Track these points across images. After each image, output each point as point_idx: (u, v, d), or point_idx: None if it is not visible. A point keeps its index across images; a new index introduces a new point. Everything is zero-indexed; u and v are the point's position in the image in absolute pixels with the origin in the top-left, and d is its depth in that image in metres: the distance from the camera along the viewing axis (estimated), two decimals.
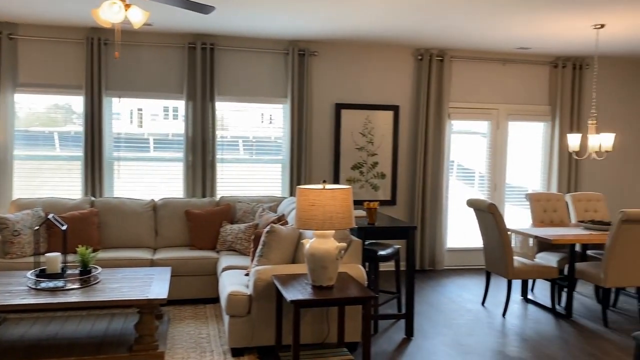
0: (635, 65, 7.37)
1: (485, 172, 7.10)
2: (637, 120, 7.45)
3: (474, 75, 6.93)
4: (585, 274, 4.95)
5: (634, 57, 7.02)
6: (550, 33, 5.67)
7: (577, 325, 4.82)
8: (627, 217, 4.54)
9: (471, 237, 6.99)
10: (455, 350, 4.18)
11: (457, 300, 5.56)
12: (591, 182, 7.32)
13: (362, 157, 6.66)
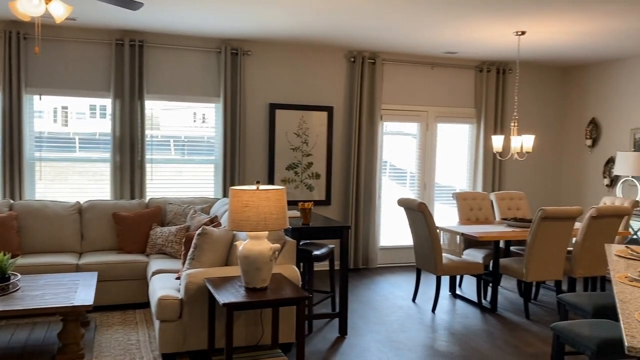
0: (554, 70, 7.83)
1: (415, 172, 7.31)
2: (555, 122, 7.91)
3: (404, 78, 7.11)
4: (509, 269, 5.20)
5: (552, 62, 7.45)
6: (475, 39, 5.91)
7: (502, 319, 5.06)
8: (545, 215, 4.81)
9: (403, 235, 7.17)
10: (387, 346, 4.28)
11: (389, 297, 5.68)
12: (513, 181, 7.71)
13: (297, 158, 6.68)
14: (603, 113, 7.26)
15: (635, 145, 6.75)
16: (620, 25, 5.09)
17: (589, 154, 7.48)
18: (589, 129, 7.41)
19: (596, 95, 7.36)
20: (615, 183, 7.04)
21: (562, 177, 7.92)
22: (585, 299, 3.40)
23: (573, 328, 2.85)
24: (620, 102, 7.00)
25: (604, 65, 7.23)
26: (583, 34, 5.53)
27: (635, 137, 6.76)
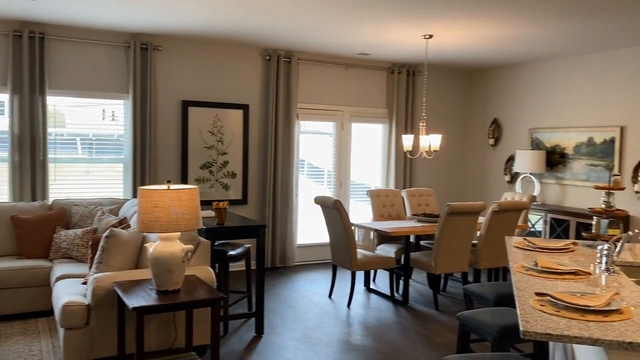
0: (460, 72, 8.24)
1: (332, 170, 7.42)
2: (461, 123, 8.34)
3: (320, 77, 7.20)
4: (419, 263, 5.42)
5: (458, 65, 7.84)
6: (386, 41, 6.10)
7: (413, 310, 5.26)
8: (452, 210, 5.06)
9: (320, 233, 7.27)
10: (303, 343, 4.31)
11: (306, 294, 5.74)
12: (423, 178, 8.04)
13: (211, 156, 6.56)
14: (504, 114, 7.75)
15: (533, 144, 7.26)
16: (517, 31, 5.46)
17: (492, 152, 7.95)
18: (492, 129, 7.87)
19: (498, 97, 7.84)
20: (515, 179, 7.54)
21: (468, 174, 8.36)
22: (488, 288, 3.61)
23: (476, 316, 3.02)
24: (519, 103, 7.50)
25: (505, 69, 7.71)
26: (485, 39, 5.87)
27: (533, 136, 7.27)
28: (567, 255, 3.22)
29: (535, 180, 7.06)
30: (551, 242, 3.53)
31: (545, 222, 6.59)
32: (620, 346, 1.78)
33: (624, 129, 6.14)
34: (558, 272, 2.73)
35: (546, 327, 1.91)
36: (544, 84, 7.12)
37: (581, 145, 6.61)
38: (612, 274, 2.75)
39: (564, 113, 6.85)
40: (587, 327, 1.91)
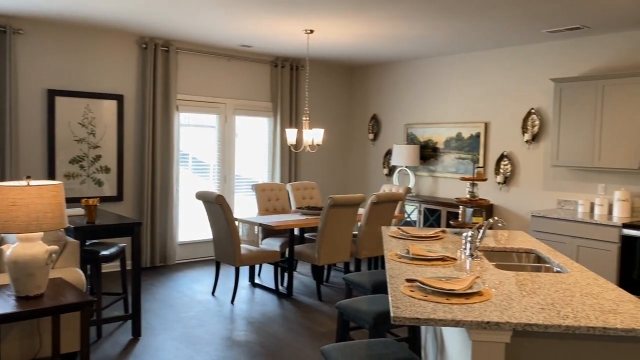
0: (341, 69, 8.45)
1: (216, 164, 7.26)
2: (343, 118, 8.56)
3: (201, 68, 6.99)
4: (303, 255, 5.48)
5: (340, 61, 8.03)
6: (269, 34, 6.07)
7: (297, 302, 5.31)
8: (334, 202, 5.17)
9: (204, 229, 7.08)
10: (184, 343, 4.17)
11: (188, 293, 5.56)
12: (308, 172, 8.15)
13: (82, 150, 6.11)
14: (382, 110, 8.07)
15: (408, 139, 7.65)
16: (393, 31, 5.70)
17: (372, 146, 8.26)
18: (371, 124, 8.18)
19: (377, 93, 8.15)
20: (392, 172, 7.90)
21: (350, 168, 8.62)
22: (366, 277, 3.74)
23: (354, 305, 3.11)
24: (396, 100, 7.86)
25: (384, 67, 8.04)
26: (364, 37, 6.06)
27: (408, 131, 7.65)
28: (438, 243, 3.42)
29: (411, 173, 7.44)
30: (423, 231, 3.73)
31: (419, 212, 6.98)
32: (479, 326, 1.91)
33: (488, 125, 6.67)
34: (427, 258, 2.88)
35: (414, 311, 2.00)
36: (418, 82, 7.52)
37: (451, 140, 7.08)
38: (476, 259, 2.96)
39: (436, 109, 7.29)
40: (451, 310, 2.03)
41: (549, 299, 2.20)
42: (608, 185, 5.56)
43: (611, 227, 4.93)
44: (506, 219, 6.47)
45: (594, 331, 1.88)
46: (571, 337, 1.95)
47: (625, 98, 5.09)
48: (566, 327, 1.89)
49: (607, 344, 1.94)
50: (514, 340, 1.96)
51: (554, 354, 1.96)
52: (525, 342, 1.97)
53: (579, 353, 1.95)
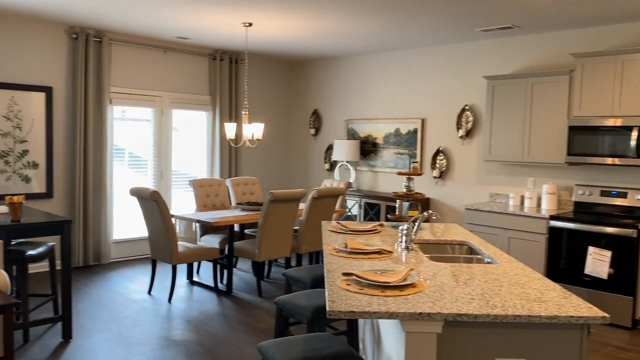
0: (281, 63, 8.40)
1: (152, 159, 7.05)
2: (284, 112, 8.53)
3: (136, 60, 6.76)
4: (243, 251, 5.42)
5: (280, 55, 7.98)
6: (206, 26, 5.94)
7: (237, 299, 5.25)
8: (274, 198, 5.14)
9: (140, 227, 6.87)
10: (118, 344, 4.03)
11: (123, 292, 5.38)
12: (249, 167, 8.06)
13: (7, 145, 5.78)
14: (323, 105, 8.10)
15: (349, 134, 7.71)
16: (331, 26, 5.71)
17: (313, 141, 8.27)
18: (312, 119, 8.19)
19: (318, 89, 8.16)
20: (334, 167, 7.94)
21: (292, 163, 8.60)
22: (305, 272, 3.73)
23: (292, 300, 3.10)
24: (337, 95, 7.90)
25: (324, 62, 8.05)
26: (303, 32, 6.04)
27: (349, 127, 7.71)
28: (376, 236, 3.46)
29: (352, 168, 7.51)
30: (362, 225, 3.77)
31: (360, 207, 7.06)
32: (412, 317, 1.95)
33: (425, 121, 6.83)
34: (365, 252, 2.91)
35: (350, 305, 2.01)
36: (358, 78, 7.59)
37: (390, 136, 7.20)
38: (411, 251, 3.02)
39: (376, 105, 7.39)
40: (386, 302, 2.05)
41: (479, 289, 2.27)
42: (537, 179, 5.82)
43: (539, 219, 5.17)
44: (442, 212, 6.65)
45: (520, 319, 1.96)
46: (499, 326, 2.02)
47: (552, 96, 5.34)
48: (494, 316, 1.96)
49: (532, 331, 2.02)
50: (446, 330, 2.01)
51: (483, 342, 2.02)
52: (456, 332, 2.02)
53: (507, 340, 2.02)
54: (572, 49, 5.52)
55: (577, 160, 5.11)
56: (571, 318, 1.96)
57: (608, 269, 4.69)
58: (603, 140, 4.92)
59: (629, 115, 4.81)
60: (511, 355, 2.02)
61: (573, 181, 5.54)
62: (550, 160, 5.37)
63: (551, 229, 5.07)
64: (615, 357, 4.00)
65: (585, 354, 2.03)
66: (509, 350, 2.02)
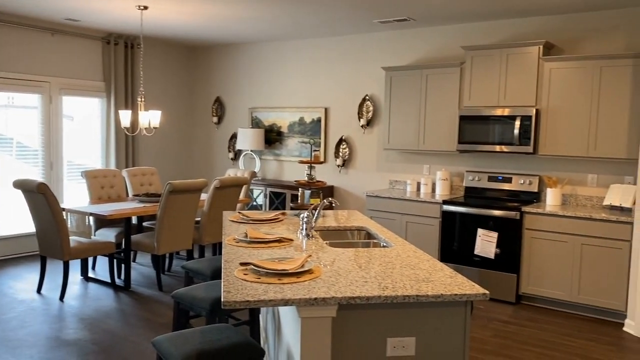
0: (180, 48, 8.12)
1: (40, 149, 6.56)
2: (184, 99, 8.27)
3: (20, 43, 6.23)
4: (141, 245, 5.21)
5: (179, 40, 7.72)
6: (98, 8, 5.59)
7: (135, 295, 5.05)
8: (173, 188, 4.98)
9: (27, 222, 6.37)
10: (2, 348, 3.73)
11: (8, 292, 4.98)
12: (148, 156, 7.75)
13: None
14: (226, 93, 7.95)
15: (253, 123, 7.64)
16: (230, 12, 5.60)
17: (216, 130, 8.11)
18: (215, 107, 8.02)
19: (220, 75, 8.00)
20: (238, 156, 7.84)
21: (194, 152, 8.38)
22: (205, 264, 3.66)
23: (190, 292, 3.02)
24: (240, 83, 7.79)
25: (227, 48, 7.89)
26: (201, 17, 5.87)
27: (253, 115, 7.64)
28: (278, 225, 3.46)
29: (256, 157, 7.46)
30: (263, 214, 3.75)
31: (265, 196, 7.04)
32: (307, 303, 1.97)
33: (328, 110, 6.92)
34: (265, 241, 2.90)
35: (246, 294, 2.00)
36: (262, 66, 7.52)
37: (294, 124, 7.22)
38: (312, 239, 3.05)
39: (280, 94, 7.38)
40: (282, 290, 2.06)
41: (372, 272, 2.34)
42: (432, 166, 6.11)
43: (433, 204, 5.44)
44: (346, 200, 6.79)
45: (409, 299, 2.05)
46: (390, 306, 2.10)
47: (444, 87, 5.61)
48: (385, 297, 2.03)
49: (421, 310, 2.12)
50: (340, 314, 2.06)
51: (376, 323, 2.09)
52: (350, 315, 2.07)
53: (398, 320, 2.10)
54: (463, 42, 5.82)
55: (467, 148, 5.42)
56: (455, 296, 2.07)
57: (495, 249, 5.04)
58: (490, 129, 5.25)
59: (513, 105, 5.17)
60: (402, 334, 2.11)
61: (464, 168, 5.88)
62: (443, 149, 5.66)
63: (444, 213, 5.35)
64: (501, 330, 4.32)
65: (468, 329, 2.16)
66: (400, 329, 2.11)
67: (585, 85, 4.82)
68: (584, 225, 4.61)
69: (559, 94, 4.96)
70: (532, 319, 4.60)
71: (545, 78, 5.02)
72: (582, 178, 5.19)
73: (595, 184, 5.11)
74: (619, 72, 4.66)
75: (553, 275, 4.79)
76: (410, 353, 2.12)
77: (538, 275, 4.87)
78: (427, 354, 2.13)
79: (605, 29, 5.04)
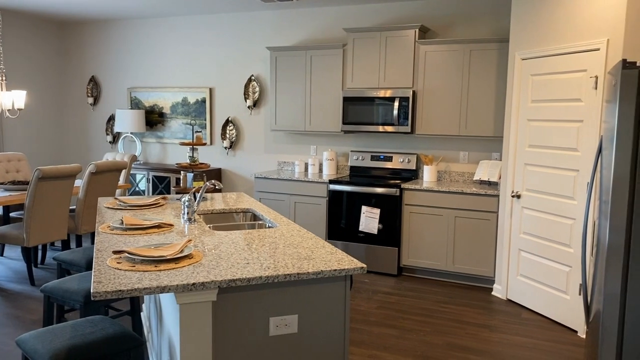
0: (48, 23, 7.45)
1: None
2: (55, 79, 7.63)
3: None
4: (7, 237, 4.77)
5: (43, 14, 7.07)
6: None
7: (3, 291, 4.62)
8: (43, 174, 4.59)
9: None
10: None
11: None
12: (14, 142, 7.07)
13: None
14: (102, 72, 7.44)
15: (133, 104, 7.24)
16: None
17: (92, 112, 7.58)
18: (90, 87, 7.48)
19: (94, 53, 7.46)
20: (117, 140, 7.41)
21: (68, 135, 7.78)
22: (79, 254, 3.43)
23: (62, 285, 2.82)
24: (117, 61, 7.32)
25: (102, 25, 7.37)
26: None
27: (132, 95, 7.24)
28: (158, 210, 3.32)
29: (137, 140, 7.10)
30: (142, 199, 3.58)
31: (148, 181, 6.74)
32: (185, 288, 1.91)
33: (213, 90, 6.74)
34: (142, 227, 2.77)
35: (118, 284, 1.89)
36: (141, 43, 7.12)
37: (177, 105, 6.95)
38: (194, 223, 2.97)
39: (161, 73, 7.05)
40: (158, 277, 1.98)
41: (255, 253, 2.33)
42: (319, 147, 6.20)
43: (320, 184, 5.53)
44: (234, 182, 6.70)
45: (290, 277, 2.06)
46: (272, 286, 2.10)
47: (328, 68, 5.69)
48: (267, 277, 2.03)
49: (302, 287, 2.14)
50: (221, 297, 2.02)
51: (258, 304, 2.08)
52: (231, 297, 2.04)
53: (280, 299, 2.11)
54: (345, 24, 5.92)
55: (351, 128, 5.56)
56: (335, 271, 2.12)
57: (378, 225, 5.25)
58: (372, 110, 5.42)
59: (392, 87, 5.38)
60: (285, 312, 2.13)
61: (349, 148, 6.03)
62: (329, 129, 5.75)
63: (330, 192, 5.47)
64: (384, 301, 4.53)
65: (348, 302, 2.23)
66: (283, 308, 2.12)
67: (456, 68, 5.13)
68: (456, 199, 4.94)
69: (434, 76, 5.23)
70: (413, 289, 4.88)
71: (421, 61, 5.27)
72: (455, 155, 5.55)
73: (466, 160, 5.49)
74: (486, 56, 5.01)
75: (430, 247, 5.10)
76: (293, 330, 2.14)
77: (417, 247, 5.16)
78: (310, 330, 2.17)
79: (475, 14, 5.38)
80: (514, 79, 4.50)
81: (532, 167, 4.34)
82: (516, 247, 4.52)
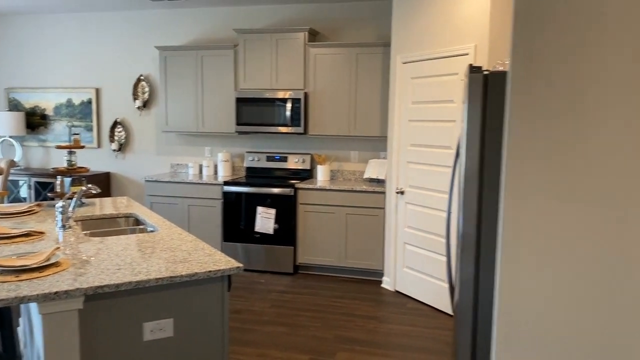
0: None
1: None
2: None
3: None
4: None
5: None
6: None
7: None
8: None
9: None
10: None
11: None
12: None
13: None
14: None
15: (11, 105, 6.74)
16: None
17: None
18: None
19: None
20: None
21: None
22: None
23: None
24: None
25: None
26: None
27: (10, 96, 6.74)
28: (32, 218, 3.14)
29: (17, 144, 6.63)
30: (13, 207, 3.37)
31: (30, 187, 6.31)
32: (47, 298, 1.83)
33: (99, 91, 6.45)
34: (9, 236, 2.61)
35: None
36: (19, 41, 6.65)
37: (61, 106, 6.58)
38: (68, 230, 2.84)
39: (42, 73, 6.62)
40: (18, 287, 1.88)
41: (129, 258, 2.28)
42: (213, 148, 6.13)
43: (215, 186, 5.48)
44: (124, 186, 6.45)
45: (163, 281, 2.04)
46: (144, 291, 2.06)
47: (220, 69, 5.65)
48: (137, 282, 1.99)
49: (177, 291, 2.13)
50: (88, 305, 1.96)
51: (129, 310, 2.04)
52: (99, 305, 1.99)
53: (154, 304, 2.08)
54: (236, 24, 5.91)
55: (245, 129, 5.56)
56: (210, 272, 2.13)
57: (274, 225, 5.29)
58: (266, 111, 5.46)
59: (284, 88, 5.44)
60: (160, 317, 2.10)
61: (244, 149, 6.03)
62: (223, 130, 5.71)
63: (225, 193, 5.44)
64: (278, 300, 4.59)
65: (227, 302, 2.24)
66: (158, 312, 2.09)
67: (345, 71, 5.30)
68: (347, 196, 5.11)
69: (324, 78, 5.36)
70: (308, 286, 4.98)
71: (311, 63, 5.38)
72: (346, 155, 5.73)
73: (357, 159, 5.69)
74: (371, 59, 5.22)
75: (324, 244, 5.23)
76: (169, 334, 2.12)
77: (312, 245, 5.27)
78: (187, 332, 2.16)
79: (360, 19, 5.58)
80: (396, 82, 4.73)
81: (413, 164, 4.59)
82: (402, 240, 4.76)
